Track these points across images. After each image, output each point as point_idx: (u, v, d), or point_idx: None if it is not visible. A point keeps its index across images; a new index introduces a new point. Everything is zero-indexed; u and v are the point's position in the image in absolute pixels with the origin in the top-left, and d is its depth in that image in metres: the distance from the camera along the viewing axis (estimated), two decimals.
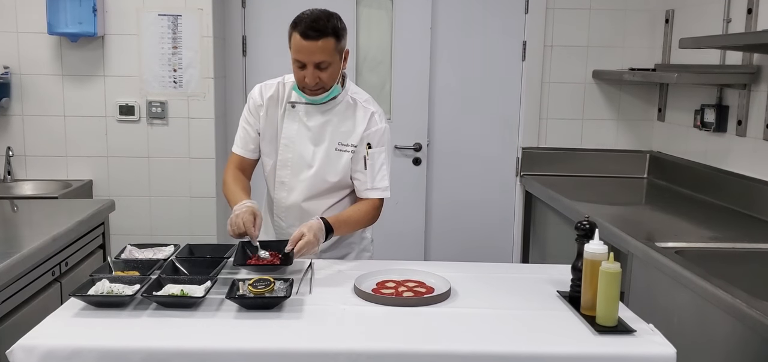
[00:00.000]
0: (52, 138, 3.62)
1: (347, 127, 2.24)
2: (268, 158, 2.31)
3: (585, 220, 1.80)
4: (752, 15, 2.92)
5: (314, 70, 2.09)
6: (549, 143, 3.92)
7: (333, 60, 2.10)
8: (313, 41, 2.05)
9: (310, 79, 2.11)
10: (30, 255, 2.18)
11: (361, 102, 2.27)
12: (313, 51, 2.06)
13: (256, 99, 2.29)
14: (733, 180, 3.02)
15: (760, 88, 2.89)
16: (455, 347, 1.59)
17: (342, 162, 2.24)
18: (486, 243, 4.02)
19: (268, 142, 2.29)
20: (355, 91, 2.30)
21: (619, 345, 1.60)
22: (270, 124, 2.28)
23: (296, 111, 2.24)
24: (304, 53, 2.07)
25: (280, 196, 2.30)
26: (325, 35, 2.05)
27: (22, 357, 1.52)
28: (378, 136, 2.25)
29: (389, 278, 1.98)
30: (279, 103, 2.27)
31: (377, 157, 2.26)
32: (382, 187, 2.27)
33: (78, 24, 3.42)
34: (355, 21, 3.79)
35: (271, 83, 2.30)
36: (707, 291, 1.93)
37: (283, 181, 2.28)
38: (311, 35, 2.04)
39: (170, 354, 1.55)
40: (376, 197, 2.27)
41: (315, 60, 2.07)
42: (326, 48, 2.07)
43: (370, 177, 2.25)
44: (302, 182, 2.26)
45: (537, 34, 3.82)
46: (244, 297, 1.78)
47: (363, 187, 2.26)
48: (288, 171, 2.27)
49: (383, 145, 2.27)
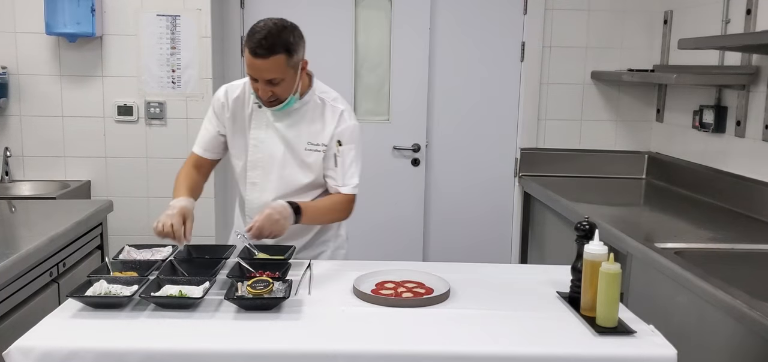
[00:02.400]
0: (50, 138, 3.61)
1: (317, 127, 2.24)
2: (238, 160, 2.29)
3: (585, 221, 1.80)
4: (751, 15, 2.92)
5: (266, 86, 2.07)
6: (547, 144, 3.92)
7: (285, 75, 2.07)
8: (263, 59, 2.01)
9: (262, 94, 2.10)
10: (28, 256, 2.17)
11: (329, 101, 2.26)
12: (262, 69, 2.03)
13: (220, 100, 2.27)
14: (732, 181, 3.02)
15: (759, 88, 2.89)
16: (455, 348, 1.58)
17: (313, 162, 2.23)
18: (484, 243, 4.02)
19: (237, 143, 2.28)
20: (323, 91, 2.29)
21: (619, 347, 1.59)
22: (237, 125, 2.26)
23: (263, 111, 2.21)
24: (254, 70, 2.05)
25: (252, 197, 2.29)
26: (274, 53, 2.01)
27: (19, 358, 1.51)
28: (348, 133, 2.25)
29: (388, 279, 1.98)
30: (245, 103, 2.25)
31: (347, 154, 2.25)
32: (352, 184, 2.26)
33: (76, 24, 3.41)
34: (353, 22, 3.78)
35: (237, 84, 2.28)
36: (707, 292, 1.93)
37: (255, 182, 2.27)
38: (260, 53, 2.00)
39: (169, 356, 1.54)
40: (346, 193, 2.26)
41: (265, 77, 2.05)
42: (277, 65, 2.03)
43: (340, 174, 2.24)
44: (273, 182, 2.25)
45: (535, 34, 3.82)
46: (243, 298, 1.78)
47: (334, 184, 2.25)
48: (259, 171, 2.26)
49: (353, 142, 2.26)
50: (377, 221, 3.92)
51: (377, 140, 3.88)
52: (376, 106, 3.90)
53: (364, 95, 3.88)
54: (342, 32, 3.79)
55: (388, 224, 3.94)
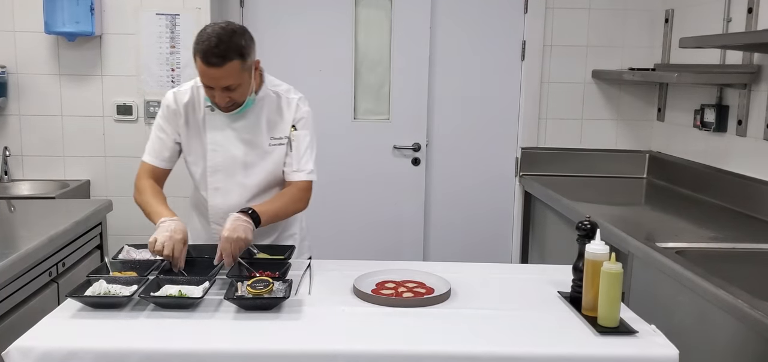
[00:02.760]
0: (49, 138, 3.61)
1: (275, 120, 2.22)
2: (196, 166, 2.24)
3: (586, 220, 1.79)
4: (752, 14, 2.92)
5: (223, 93, 2.04)
6: (548, 143, 3.92)
7: (241, 80, 2.04)
8: (217, 68, 1.97)
9: (219, 101, 2.07)
10: (27, 256, 2.17)
11: (283, 93, 2.25)
12: (218, 77, 1.99)
13: (172, 107, 2.21)
14: (734, 180, 3.01)
15: (761, 87, 2.88)
16: (455, 348, 1.57)
17: (279, 155, 2.22)
18: (485, 243, 4.01)
19: (194, 149, 2.23)
20: (275, 84, 2.26)
21: (621, 346, 1.59)
22: (192, 130, 2.21)
23: (217, 114, 2.17)
24: (209, 79, 2.02)
25: (216, 202, 2.23)
26: (228, 59, 1.97)
27: (18, 358, 1.51)
28: (303, 119, 2.24)
29: (389, 279, 1.97)
30: (196, 107, 2.21)
31: (302, 140, 2.23)
32: (307, 170, 2.23)
33: (75, 23, 3.40)
34: (353, 21, 3.78)
35: (185, 88, 2.23)
36: (709, 292, 1.92)
37: (217, 187, 2.22)
38: (214, 62, 1.96)
39: (168, 356, 1.54)
40: (301, 179, 2.22)
41: (222, 85, 2.02)
42: (231, 71, 1.99)
43: (295, 159, 2.21)
44: (239, 184, 2.21)
45: (536, 33, 3.81)
46: (243, 298, 1.77)
47: (289, 170, 2.23)
48: (220, 175, 2.21)
49: (308, 128, 2.24)
50: (377, 220, 3.91)
51: (377, 140, 3.88)
52: (376, 106, 3.89)
53: (364, 94, 3.87)
54: (342, 31, 3.78)
55: (388, 223, 3.93)
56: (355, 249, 3.84)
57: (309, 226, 2.50)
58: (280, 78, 2.32)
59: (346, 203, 3.90)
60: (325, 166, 3.83)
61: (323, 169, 3.78)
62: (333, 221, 3.89)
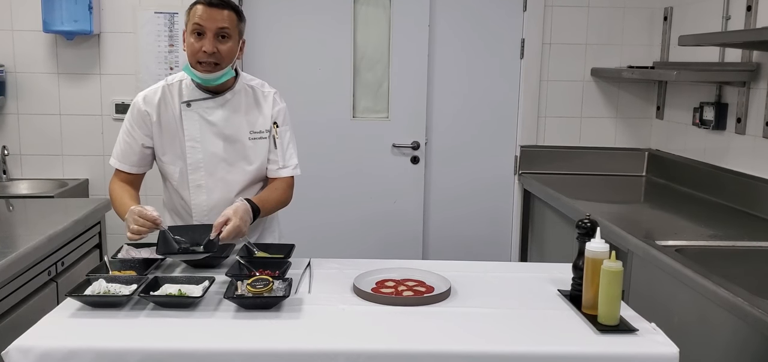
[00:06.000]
0: (47, 136, 3.60)
1: (254, 114, 2.22)
2: (173, 166, 2.21)
3: (586, 219, 1.79)
4: (752, 12, 2.92)
5: (214, 39, 2.05)
6: (547, 141, 3.92)
7: (233, 34, 2.09)
8: (218, 9, 2.05)
9: (208, 47, 2.04)
10: (25, 255, 2.16)
11: (257, 87, 2.26)
12: (216, 18, 2.05)
13: (142, 109, 2.18)
14: (733, 178, 3.01)
15: (760, 85, 2.88)
16: (455, 347, 1.57)
17: (259, 150, 2.22)
18: (484, 241, 4.01)
19: (169, 149, 2.20)
20: (249, 79, 2.27)
21: (621, 345, 1.58)
22: (166, 129, 2.18)
23: (193, 109, 2.16)
24: (206, 19, 2.04)
25: (199, 201, 2.21)
26: (229, 7, 2.08)
27: (17, 358, 1.50)
28: (282, 114, 2.25)
29: (389, 277, 1.97)
30: (169, 104, 2.18)
31: (285, 135, 2.25)
32: (293, 165, 2.26)
33: (74, 22, 3.40)
34: (352, 19, 3.77)
35: (155, 88, 2.21)
36: (708, 290, 1.93)
37: (199, 184, 2.20)
38: (216, 3, 2.05)
39: (168, 355, 1.53)
40: (288, 175, 2.25)
41: (218, 26, 2.05)
42: (230, 18, 2.08)
43: (281, 156, 2.23)
44: (222, 180, 2.20)
45: (535, 31, 3.81)
46: (243, 296, 1.77)
47: (275, 167, 2.24)
48: (201, 173, 2.19)
49: (287, 124, 2.27)
50: (377, 219, 3.91)
51: (376, 138, 3.87)
52: (375, 104, 3.88)
53: (363, 93, 3.87)
54: (341, 30, 3.78)
55: (387, 222, 3.93)
56: (354, 248, 3.84)
57: (285, 223, 2.52)
58: (280, 76, 2.33)
59: (345, 202, 3.90)
60: (324, 165, 3.87)
61: (322, 167, 3.82)
62: (332, 220, 3.89)
